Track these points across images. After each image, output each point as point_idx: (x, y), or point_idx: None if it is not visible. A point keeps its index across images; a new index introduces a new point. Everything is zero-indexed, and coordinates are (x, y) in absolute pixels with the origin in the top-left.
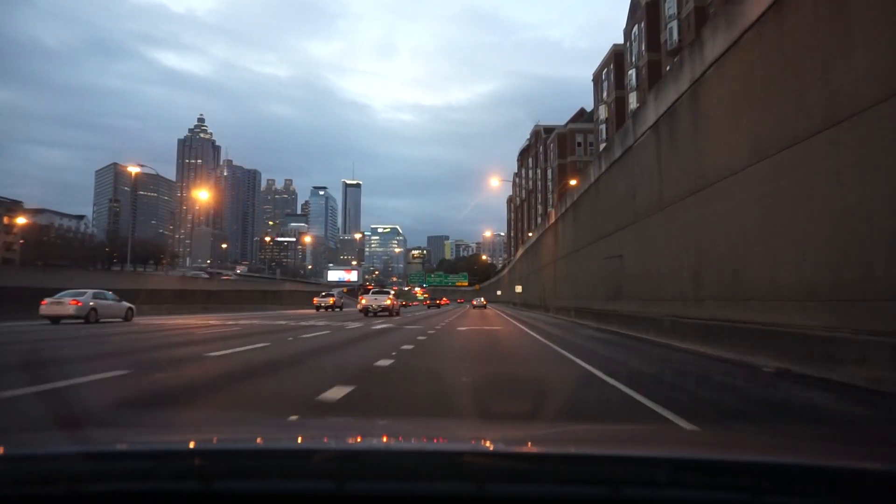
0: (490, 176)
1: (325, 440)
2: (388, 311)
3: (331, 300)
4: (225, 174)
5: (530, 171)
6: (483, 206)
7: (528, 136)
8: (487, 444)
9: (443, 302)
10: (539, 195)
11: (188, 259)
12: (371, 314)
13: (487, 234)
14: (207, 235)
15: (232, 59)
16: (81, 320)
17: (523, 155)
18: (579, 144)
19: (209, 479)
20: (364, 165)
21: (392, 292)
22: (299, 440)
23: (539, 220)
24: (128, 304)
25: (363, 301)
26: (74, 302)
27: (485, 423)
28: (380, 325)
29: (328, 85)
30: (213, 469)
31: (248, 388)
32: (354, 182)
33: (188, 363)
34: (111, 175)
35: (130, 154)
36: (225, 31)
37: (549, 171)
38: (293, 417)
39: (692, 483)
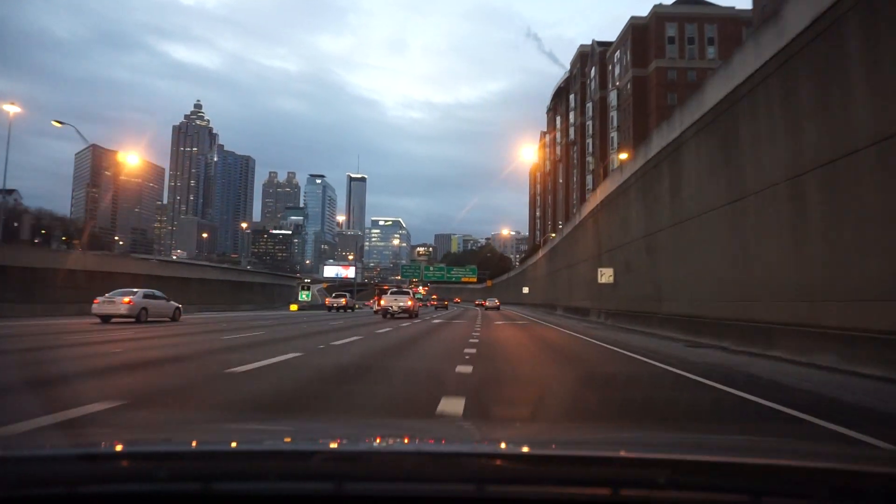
0: (502, 175)
1: (324, 441)
2: (408, 313)
3: (343, 301)
4: (215, 160)
5: (571, 114)
6: (493, 207)
7: (567, 70)
8: (487, 445)
9: (431, 303)
10: (591, 141)
11: (170, 250)
12: (389, 316)
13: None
14: (192, 224)
15: (241, 52)
16: (132, 319)
17: (557, 99)
18: (671, 40)
19: (208, 480)
20: (372, 163)
21: (411, 292)
22: (298, 441)
23: (590, 177)
24: (175, 304)
25: (382, 302)
26: (126, 301)
27: (484, 424)
28: None
29: (338, 80)
30: (212, 470)
31: None
32: (359, 176)
33: None
34: (90, 158)
35: (133, 146)
36: (235, 24)
37: (613, 96)
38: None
39: (691, 485)
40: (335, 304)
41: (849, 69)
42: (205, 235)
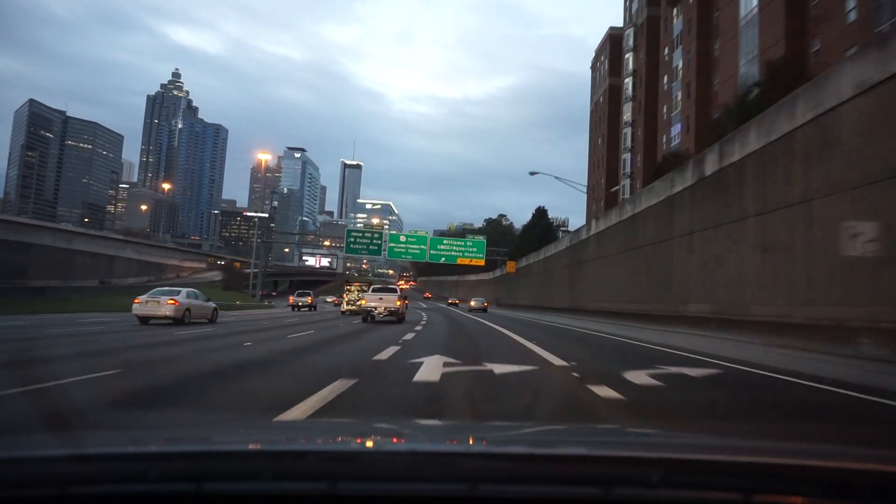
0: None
1: (318, 441)
2: (396, 316)
3: (308, 299)
4: (179, 126)
5: None
6: (499, 208)
7: None
8: (480, 444)
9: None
10: None
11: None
12: (371, 320)
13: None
14: (145, 199)
15: (244, 37)
16: (171, 321)
17: None
18: None
19: (201, 480)
20: (374, 157)
21: (399, 290)
22: (292, 441)
23: None
24: (213, 304)
25: (362, 302)
26: (172, 302)
27: (478, 424)
28: None
29: (342, 71)
30: (204, 470)
31: None
32: (354, 163)
33: None
34: (26, 116)
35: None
36: (238, 7)
37: None
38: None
39: (683, 483)
40: (299, 304)
41: None
42: (143, 208)
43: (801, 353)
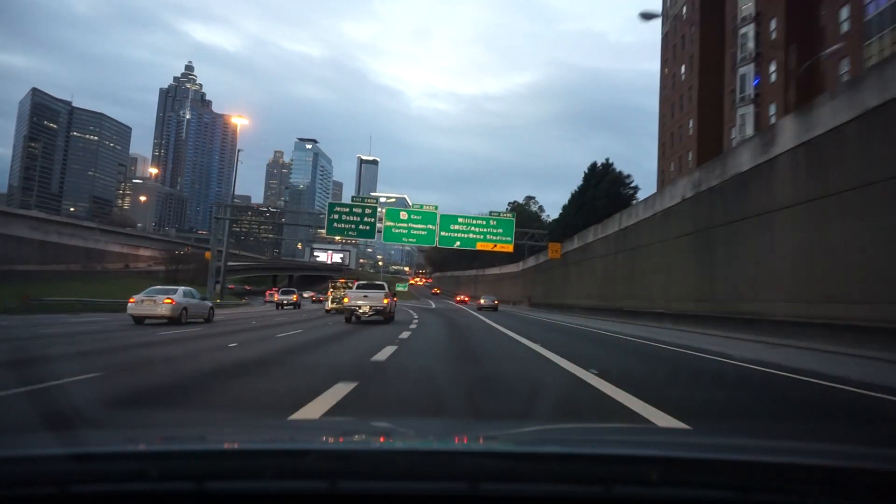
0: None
1: (319, 440)
2: (382, 315)
3: (293, 297)
4: (188, 117)
5: None
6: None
7: None
8: (479, 443)
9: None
10: None
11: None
12: (356, 319)
13: None
14: (151, 192)
15: (263, 34)
16: (167, 321)
17: None
18: None
19: (201, 479)
20: (393, 155)
21: (386, 287)
22: (292, 440)
23: None
24: (209, 303)
25: (346, 300)
26: (169, 301)
27: (478, 423)
28: None
29: (361, 67)
30: (205, 469)
31: None
32: (371, 158)
33: None
34: (29, 106)
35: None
36: (258, 5)
37: None
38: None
39: (684, 481)
40: (284, 302)
41: None
42: (142, 199)
43: None
